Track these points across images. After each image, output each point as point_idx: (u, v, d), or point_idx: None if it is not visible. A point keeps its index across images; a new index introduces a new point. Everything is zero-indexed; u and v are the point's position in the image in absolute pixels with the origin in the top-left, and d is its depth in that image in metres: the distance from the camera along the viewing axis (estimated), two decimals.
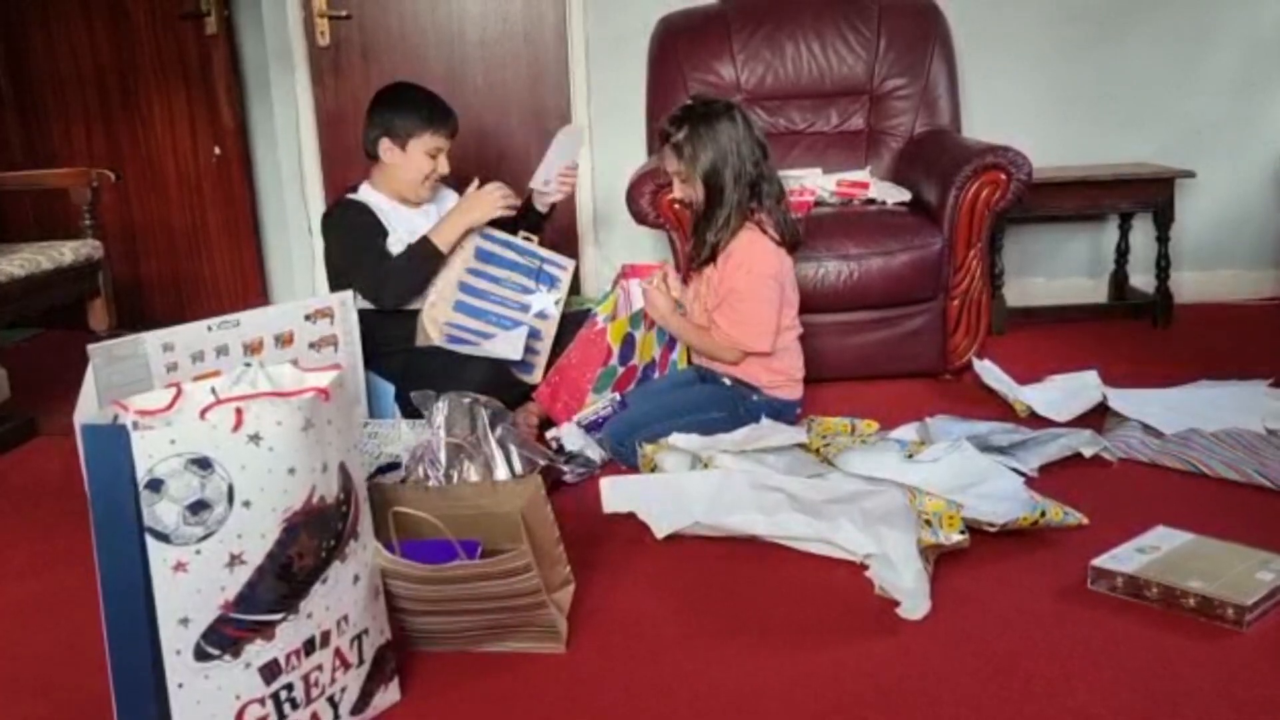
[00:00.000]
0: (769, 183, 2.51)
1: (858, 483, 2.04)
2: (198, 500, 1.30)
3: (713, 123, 2.45)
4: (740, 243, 2.49)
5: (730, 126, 2.45)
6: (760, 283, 2.47)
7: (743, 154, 2.45)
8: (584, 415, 2.55)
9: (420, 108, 2.73)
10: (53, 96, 3.98)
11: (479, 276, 2.72)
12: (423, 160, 2.72)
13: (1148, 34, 3.72)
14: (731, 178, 2.45)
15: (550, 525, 1.73)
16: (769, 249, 2.49)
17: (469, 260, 2.71)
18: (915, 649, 1.66)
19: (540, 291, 2.79)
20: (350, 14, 3.76)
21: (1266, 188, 3.84)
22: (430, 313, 2.68)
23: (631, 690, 1.59)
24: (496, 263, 2.74)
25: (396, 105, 2.74)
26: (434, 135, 2.71)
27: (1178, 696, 1.51)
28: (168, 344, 2.20)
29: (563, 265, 2.85)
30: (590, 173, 3.85)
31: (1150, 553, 1.83)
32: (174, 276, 4.02)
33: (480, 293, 2.71)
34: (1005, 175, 2.90)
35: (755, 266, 2.47)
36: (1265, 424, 2.42)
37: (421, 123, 2.70)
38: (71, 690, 1.65)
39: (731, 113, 2.48)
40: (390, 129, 2.71)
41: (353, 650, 1.48)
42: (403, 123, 2.70)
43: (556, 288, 2.82)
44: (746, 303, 2.48)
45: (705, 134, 2.45)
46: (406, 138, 2.70)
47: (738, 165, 2.45)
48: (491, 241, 2.75)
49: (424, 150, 2.71)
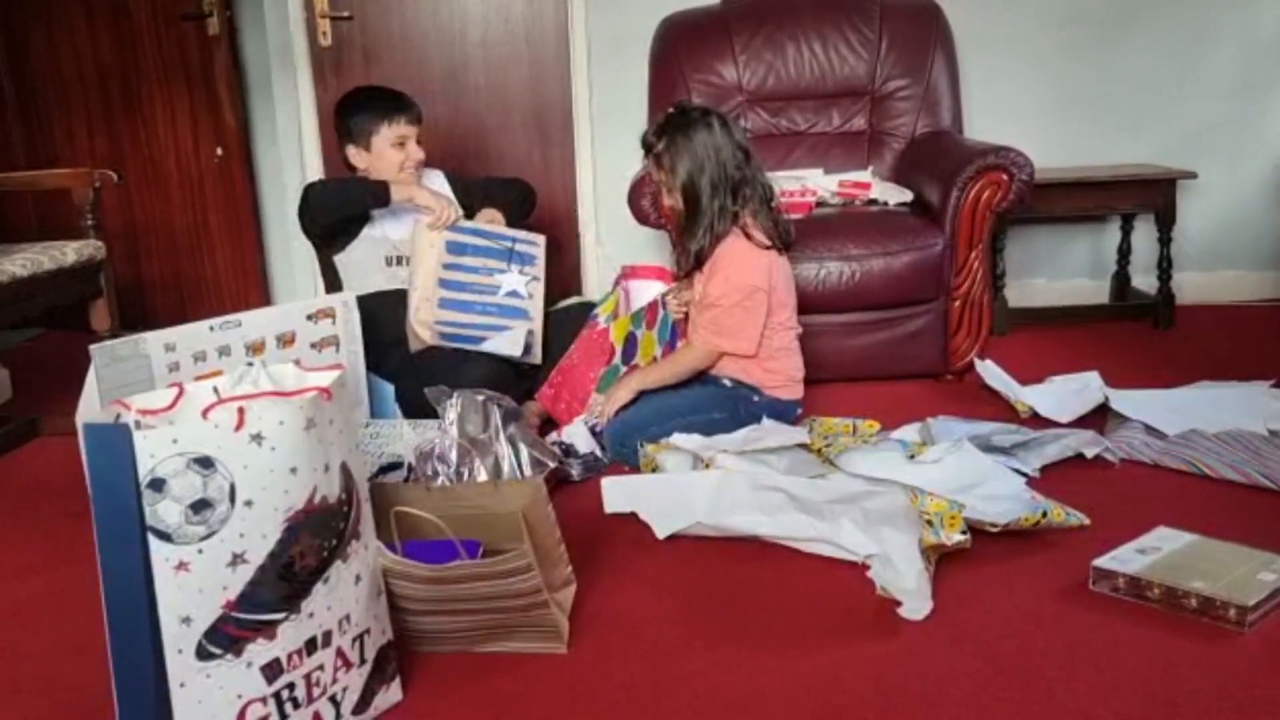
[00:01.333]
0: (752, 186, 2.50)
1: (859, 483, 2.04)
2: (200, 499, 1.30)
3: (689, 132, 2.45)
4: (724, 250, 2.49)
5: (707, 134, 2.45)
6: (739, 292, 2.47)
7: (722, 160, 2.45)
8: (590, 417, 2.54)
9: (371, 104, 2.76)
10: (55, 97, 3.99)
11: (455, 269, 2.71)
12: (391, 153, 2.74)
13: (1148, 36, 3.73)
14: (709, 185, 2.45)
15: (552, 525, 1.73)
16: (753, 254, 2.48)
17: (442, 255, 2.70)
18: (917, 649, 1.66)
19: (511, 271, 2.77)
20: (352, 14, 3.77)
21: (1268, 189, 3.84)
22: (417, 316, 2.68)
23: (633, 690, 1.59)
24: (470, 252, 2.73)
25: (350, 110, 2.77)
26: (391, 126, 2.73)
27: (1179, 697, 1.51)
28: (169, 344, 2.20)
29: (534, 242, 2.83)
30: (592, 173, 3.86)
31: (1152, 553, 1.83)
32: (176, 277, 4.02)
33: (460, 285, 2.70)
34: (1007, 176, 2.90)
35: (734, 275, 2.47)
36: (1267, 425, 2.42)
37: (376, 118, 2.73)
38: (73, 689, 1.65)
39: (709, 119, 2.47)
40: (351, 135, 2.75)
41: (354, 650, 1.48)
42: (359, 124, 2.74)
43: (533, 264, 2.81)
44: (726, 311, 2.49)
45: (682, 144, 2.45)
46: (368, 137, 2.73)
47: (716, 172, 2.45)
48: (459, 232, 2.74)
49: (388, 143, 2.74)
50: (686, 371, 2.56)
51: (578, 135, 3.84)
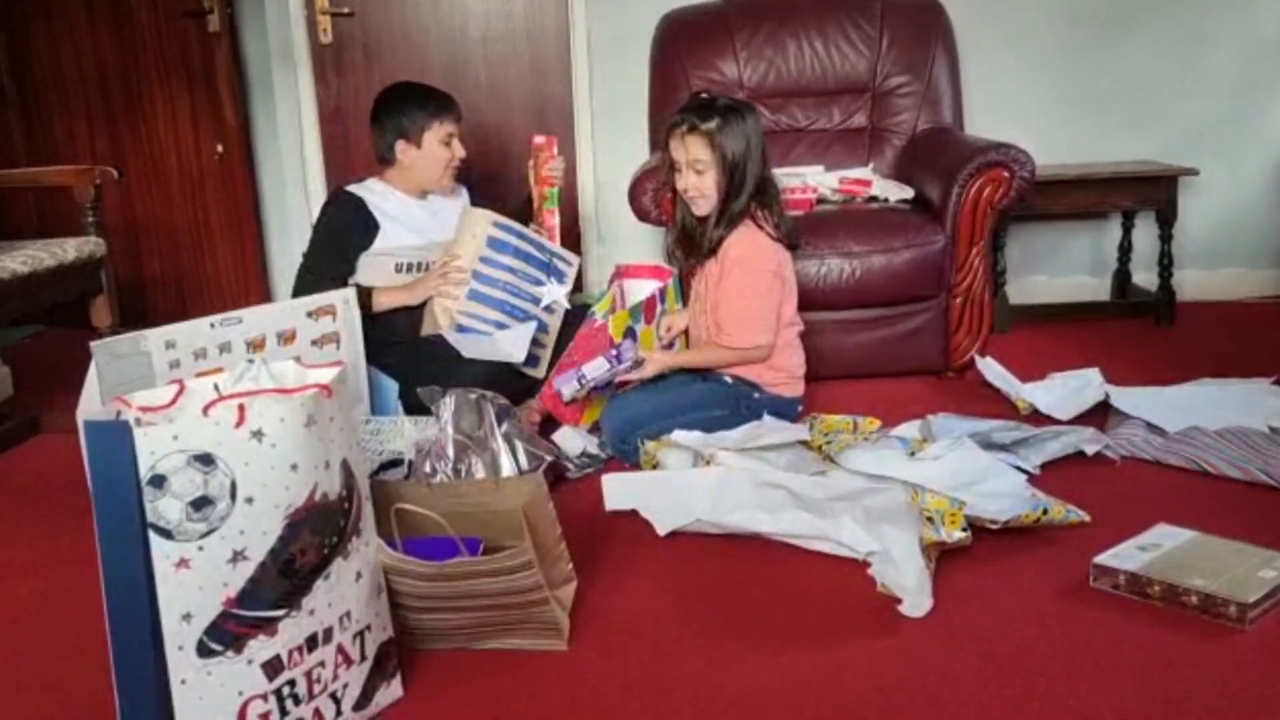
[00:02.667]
0: (771, 183, 2.55)
1: (860, 480, 2.04)
2: (200, 496, 1.30)
3: (743, 115, 2.49)
4: (739, 238, 2.50)
5: (755, 123, 2.51)
6: (759, 277, 2.49)
7: (764, 150, 2.51)
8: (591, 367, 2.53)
9: (425, 102, 2.79)
10: (55, 94, 3.99)
11: (492, 265, 2.71)
12: (439, 150, 2.78)
13: (1150, 33, 3.72)
14: (754, 171, 2.48)
15: (552, 522, 1.73)
16: (767, 243, 2.51)
17: (481, 248, 2.70)
18: (917, 647, 1.66)
19: (551, 284, 2.80)
20: (352, 11, 3.76)
21: (1268, 187, 3.83)
22: (441, 300, 2.68)
23: (633, 688, 1.59)
24: (510, 252, 2.74)
25: (401, 106, 2.78)
26: (443, 124, 2.78)
27: (1179, 694, 1.51)
28: (170, 341, 2.20)
29: (569, 261, 2.86)
30: (592, 170, 3.85)
31: (1152, 551, 1.83)
32: (176, 274, 4.02)
33: (494, 281, 2.70)
34: (1008, 173, 2.89)
35: (754, 262, 2.48)
36: (1268, 422, 2.41)
37: (429, 115, 2.76)
38: (74, 687, 1.65)
39: (754, 110, 2.55)
40: (402, 130, 2.76)
41: (355, 647, 1.48)
42: (411, 121, 2.76)
43: (564, 282, 2.83)
44: (746, 299, 2.49)
45: (736, 125, 2.47)
46: (420, 133, 2.76)
47: (758, 160, 2.49)
48: (505, 231, 2.74)
49: (438, 140, 2.78)
50: (723, 365, 2.56)
51: (578, 131, 3.84)
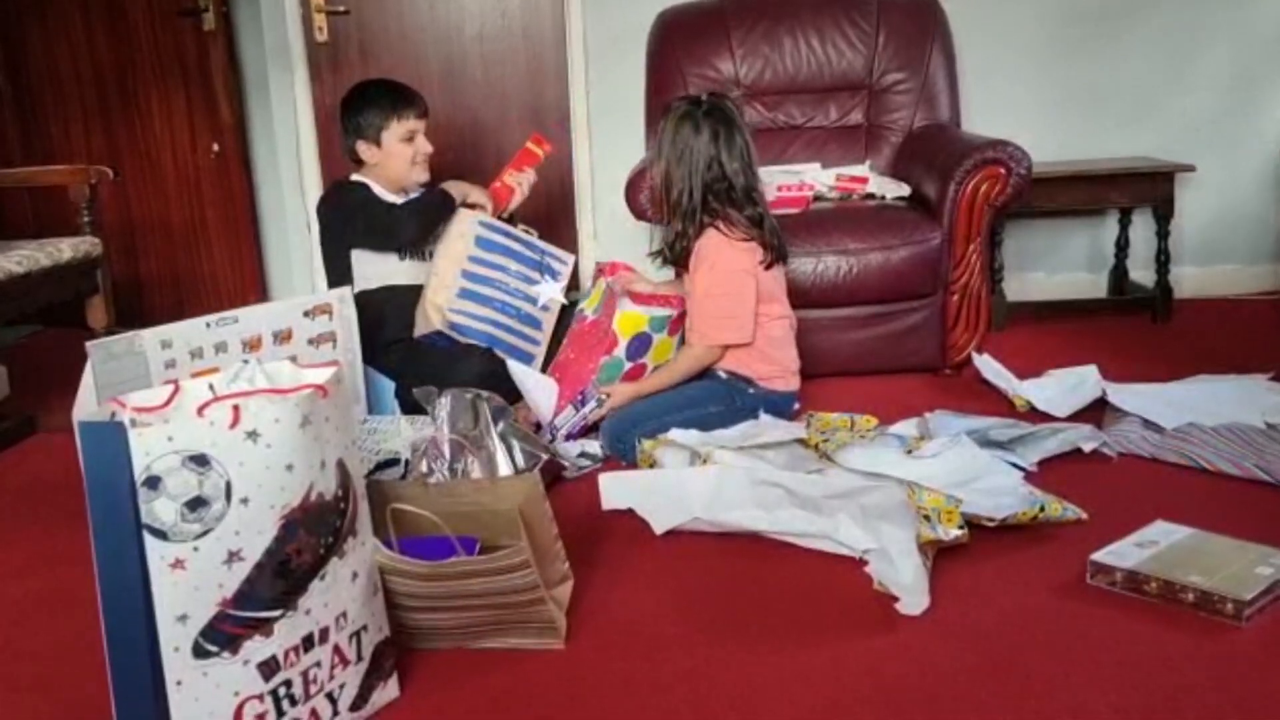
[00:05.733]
0: (734, 189, 2.50)
1: (857, 478, 2.04)
2: (195, 497, 1.30)
3: (667, 120, 2.50)
4: (704, 242, 2.51)
5: (691, 133, 2.47)
6: (725, 277, 2.49)
7: (695, 160, 2.47)
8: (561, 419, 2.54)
9: (380, 99, 2.77)
10: (51, 94, 3.98)
11: (482, 264, 2.71)
12: (400, 148, 2.76)
13: (1146, 30, 3.72)
14: (681, 176, 2.48)
15: (549, 521, 1.73)
16: (731, 244, 2.49)
17: (470, 248, 2.70)
18: (914, 644, 1.66)
19: (546, 282, 2.80)
20: (348, 9, 3.75)
21: (1265, 183, 3.83)
22: (432, 299, 2.67)
23: (631, 686, 1.59)
24: (500, 251, 2.74)
25: (359, 105, 2.78)
26: (401, 121, 2.75)
27: (1177, 691, 1.51)
28: (166, 341, 2.20)
29: (564, 260, 2.86)
30: (589, 168, 3.85)
31: (1149, 547, 1.83)
32: (172, 274, 4.02)
33: (485, 280, 2.70)
34: (1005, 170, 2.89)
35: (718, 263, 2.48)
36: (1265, 418, 2.41)
37: (385, 113, 2.75)
38: (70, 688, 1.65)
39: (697, 118, 2.48)
40: (360, 130, 2.76)
41: (351, 647, 1.48)
42: (368, 120, 2.75)
43: (559, 280, 2.83)
44: (713, 296, 2.50)
45: (664, 132, 2.49)
46: (378, 133, 2.75)
47: (687, 171, 2.47)
48: (492, 230, 2.75)
49: (398, 138, 2.76)
50: (684, 375, 2.56)
51: (574, 130, 3.83)
